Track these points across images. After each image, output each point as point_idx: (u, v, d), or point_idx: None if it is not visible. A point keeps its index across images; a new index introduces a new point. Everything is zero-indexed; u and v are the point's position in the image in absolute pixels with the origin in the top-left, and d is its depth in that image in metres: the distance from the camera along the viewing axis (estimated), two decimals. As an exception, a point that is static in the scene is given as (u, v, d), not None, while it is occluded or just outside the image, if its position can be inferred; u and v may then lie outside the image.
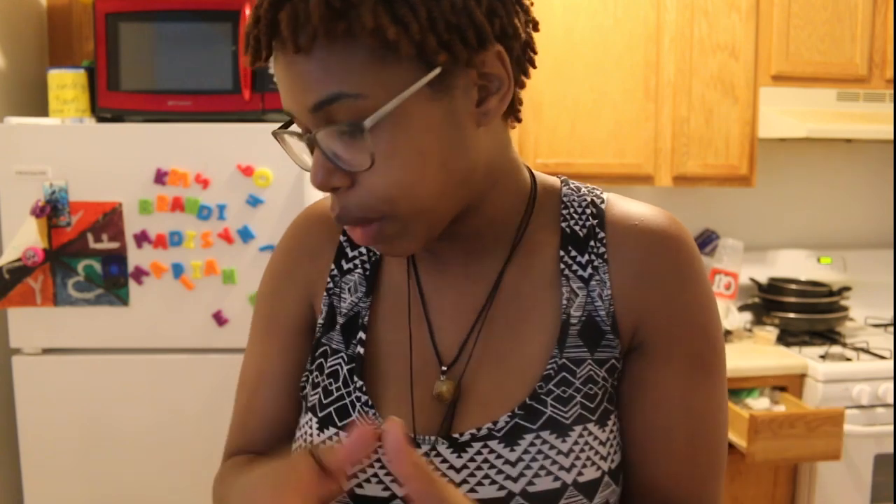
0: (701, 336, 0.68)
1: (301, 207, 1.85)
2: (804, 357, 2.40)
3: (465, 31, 0.58)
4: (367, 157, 0.58)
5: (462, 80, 0.60)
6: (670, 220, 0.70)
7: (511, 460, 0.64)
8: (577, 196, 0.73)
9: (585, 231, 0.70)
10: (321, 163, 0.60)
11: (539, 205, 0.72)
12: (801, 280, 2.79)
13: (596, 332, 0.68)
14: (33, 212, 1.81)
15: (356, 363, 0.70)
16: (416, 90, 0.58)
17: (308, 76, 0.58)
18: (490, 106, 0.62)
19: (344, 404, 0.69)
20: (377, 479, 0.66)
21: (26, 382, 1.89)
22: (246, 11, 1.90)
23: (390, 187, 0.60)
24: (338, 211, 0.62)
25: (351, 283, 0.74)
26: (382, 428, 0.53)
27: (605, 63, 2.46)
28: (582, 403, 0.66)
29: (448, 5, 0.57)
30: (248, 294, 1.88)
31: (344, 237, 0.76)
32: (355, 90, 0.57)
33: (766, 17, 2.51)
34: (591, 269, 0.69)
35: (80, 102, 2.00)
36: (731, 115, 2.53)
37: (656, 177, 2.52)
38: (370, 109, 0.57)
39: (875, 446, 2.33)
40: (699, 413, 0.68)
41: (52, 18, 2.34)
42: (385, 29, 0.55)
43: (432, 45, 0.57)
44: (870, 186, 3.02)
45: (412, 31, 0.56)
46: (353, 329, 0.72)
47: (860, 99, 2.56)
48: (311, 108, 0.59)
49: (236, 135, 1.85)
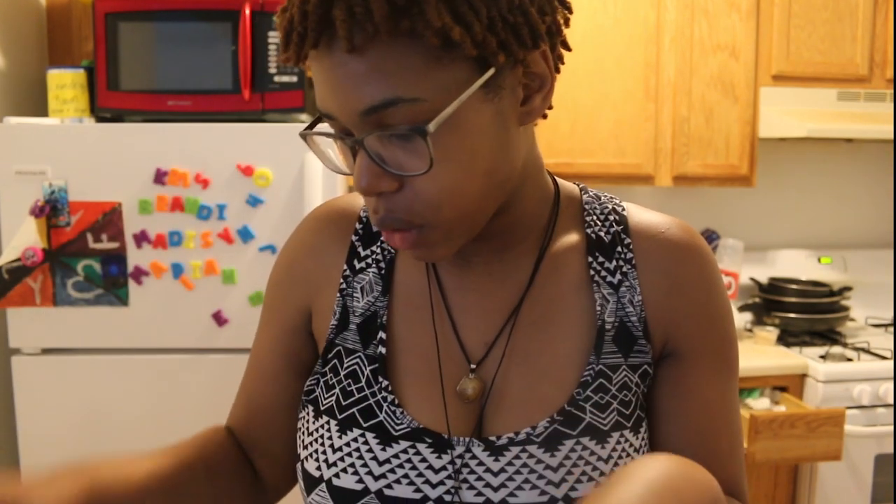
0: (727, 341, 0.71)
1: (301, 207, 1.85)
2: (805, 357, 2.39)
3: (520, 30, 0.57)
4: (425, 161, 0.56)
5: (510, 79, 0.59)
6: (691, 230, 0.73)
7: (552, 466, 0.64)
8: (598, 203, 0.74)
9: (610, 237, 0.71)
10: (368, 166, 0.58)
11: (562, 208, 0.72)
12: (802, 280, 2.79)
13: (629, 337, 0.68)
14: (33, 212, 1.81)
15: (379, 363, 0.69)
16: (472, 92, 0.56)
17: (360, 78, 0.55)
18: (534, 105, 0.62)
19: (368, 405, 0.68)
20: (353, 471, 0.66)
21: (26, 382, 1.89)
22: (246, 11, 1.90)
23: (440, 191, 0.59)
24: (381, 214, 0.60)
25: (365, 283, 0.73)
26: None
27: (605, 63, 2.46)
28: (618, 410, 0.66)
29: (506, 4, 0.56)
30: (247, 294, 1.88)
31: (356, 236, 0.75)
32: (413, 94, 0.55)
33: (766, 17, 2.50)
34: (620, 276, 0.70)
35: (79, 102, 2.00)
36: (732, 115, 2.53)
37: (656, 177, 2.51)
38: (426, 112, 0.55)
39: (875, 446, 2.33)
40: (733, 415, 0.72)
41: (52, 18, 2.34)
42: (450, 29, 0.53)
43: (492, 45, 0.56)
44: (870, 186, 3.02)
45: (475, 32, 0.54)
46: (370, 329, 0.71)
47: (860, 99, 2.56)
48: (362, 112, 0.56)
49: (236, 135, 1.85)
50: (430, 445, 0.66)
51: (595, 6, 2.44)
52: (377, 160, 0.58)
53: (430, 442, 0.66)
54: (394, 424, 0.67)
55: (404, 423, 0.67)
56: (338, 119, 0.58)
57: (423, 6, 0.53)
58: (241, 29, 1.90)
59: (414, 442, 0.66)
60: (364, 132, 0.57)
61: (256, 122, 1.90)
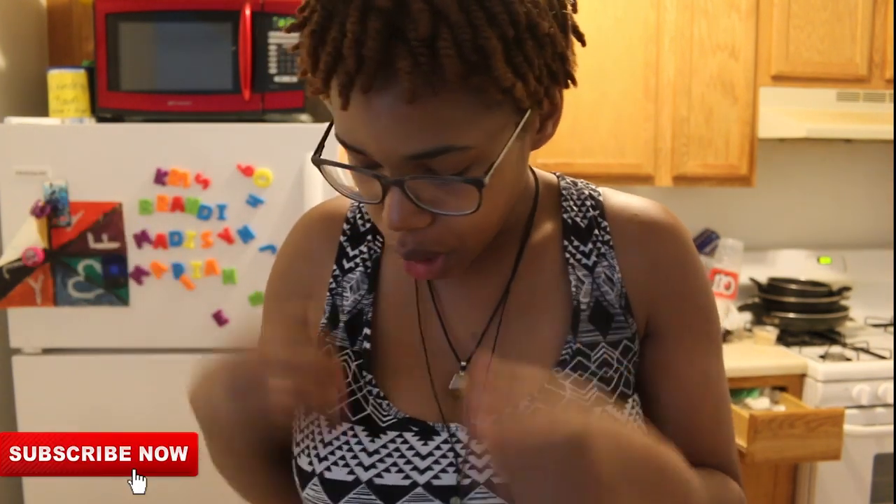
0: (706, 316, 0.74)
1: (301, 207, 1.85)
2: (804, 357, 2.39)
3: (559, 76, 0.59)
4: (472, 204, 0.58)
5: (535, 115, 0.61)
6: (666, 210, 0.75)
7: None
8: (574, 189, 0.76)
9: (587, 222, 0.73)
10: (402, 203, 0.58)
11: (541, 199, 0.74)
12: (801, 280, 2.79)
13: (605, 315, 0.70)
14: (33, 212, 1.81)
15: (364, 358, 0.71)
16: (515, 136, 0.58)
17: (413, 125, 0.54)
18: (547, 132, 0.65)
19: (356, 399, 0.70)
20: (343, 463, 0.68)
21: (26, 382, 1.89)
22: (246, 11, 1.90)
23: (473, 227, 0.61)
24: (412, 247, 0.62)
25: (353, 282, 0.75)
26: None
27: (605, 63, 2.46)
28: (599, 386, 0.68)
29: (551, 52, 0.57)
30: (248, 294, 1.88)
31: (344, 237, 0.76)
32: (464, 142, 0.56)
33: (765, 17, 2.50)
34: (596, 257, 0.72)
35: (80, 102, 2.00)
36: (731, 115, 2.53)
37: (656, 177, 2.52)
38: (472, 158, 0.57)
39: (875, 446, 2.33)
40: (716, 387, 0.74)
41: (52, 18, 2.34)
42: (513, 86, 0.54)
43: (540, 94, 0.58)
44: (870, 186, 3.02)
45: (529, 84, 0.56)
46: (357, 326, 0.73)
47: (860, 99, 2.56)
48: (408, 157, 0.56)
49: (236, 135, 1.85)
50: (416, 433, 0.68)
51: (595, 6, 2.44)
52: (413, 199, 0.58)
53: (416, 430, 0.68)
54: (381, 416, 0.69)
55: (391, 415, 0.69)
56: (371, 155, 0.58)
57: (493, 62, 0.53)
58: (241, 29, 1.90)
59: (401, 431, 0.68)
60: (405, 174, 0.57)
61: (256, 123, 1.90)
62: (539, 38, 0.56)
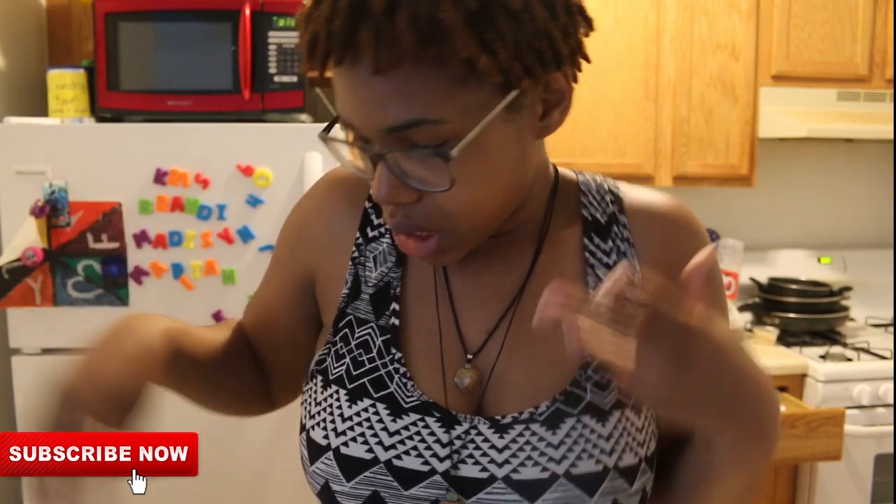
0: (721, 312, 0.72)
1: (301, 207, 1.85)
2: (804, 357, 2.39)
3: (544, 54, 0.58)
4: (446, 180, 0.58)
5: (531, 98, 0.61)
6: (681, 204, 0.75)
7: (553, 443, 0.65)
8: (594, 184, 0.75)
9: (606, 218, 0.72)
10: (388, 178, 0.59)
11: (560, 196, 0.74)
12: (802, 280, 2.79)
13: None
14: (33, 212, 1.81)
15: (392, 334, 0.70)
16: (495, 114, 0.58)
17: (385, 98, 0.56)
18: (552, 119, 0.64)
19: (379, 375, 0.69)
20: (363, 440, 0.67)
21: (26, 382, 1.88)
22: (246, 11, 1.90)
23: (459, 207, 0.61)
24: (398, 219, 0.62)
25: (378, 252, 0.74)
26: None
27: (605, 63, 2.45)
28: (619, 388, 0.67)
29: (531, 29, 0.57)
30: (248, 294, 1.88)
31: (369, 204, 0.75)
32: (437, 116, 0.56)
33: (766, 17, 2.50)
34: (616, 256, 0.71)
35: (79, 102, 2.00)
36: (731, 115, 2.53)
37: (656, 177, 2.52)
38: (449, 132, 0.57)
39: (875, 446, 2.33)
40: None
41: (52, 18, 2.34)
42: (476, 58, 0.54)
43: (518, 71, 0.57)
44: (870, 186, 3.02)
45: (500, 59, 0.55)
46: (383, 300, 0.72)
47: (860, 99, 2.56)
48: (385, 130, 0.57)
49: (236, 135, 1.85)
50: (438, 420, 0.67)
51: (595, 6, 2.42)
52: (398, 173, 0.59)
53: (438, 416, 0.67)
54: (404, 396, 0.68)
55: (414, 396, 0.68)
56: (359, 130, 0.60)
57: (450, 34, 0.53)
58: (241, 29, 1.90)
59: (423, 415, 0.67)
60: (386, 147, 0.59)
61: (256, 122, 1.90)
62: (514, 13, 0.55)
